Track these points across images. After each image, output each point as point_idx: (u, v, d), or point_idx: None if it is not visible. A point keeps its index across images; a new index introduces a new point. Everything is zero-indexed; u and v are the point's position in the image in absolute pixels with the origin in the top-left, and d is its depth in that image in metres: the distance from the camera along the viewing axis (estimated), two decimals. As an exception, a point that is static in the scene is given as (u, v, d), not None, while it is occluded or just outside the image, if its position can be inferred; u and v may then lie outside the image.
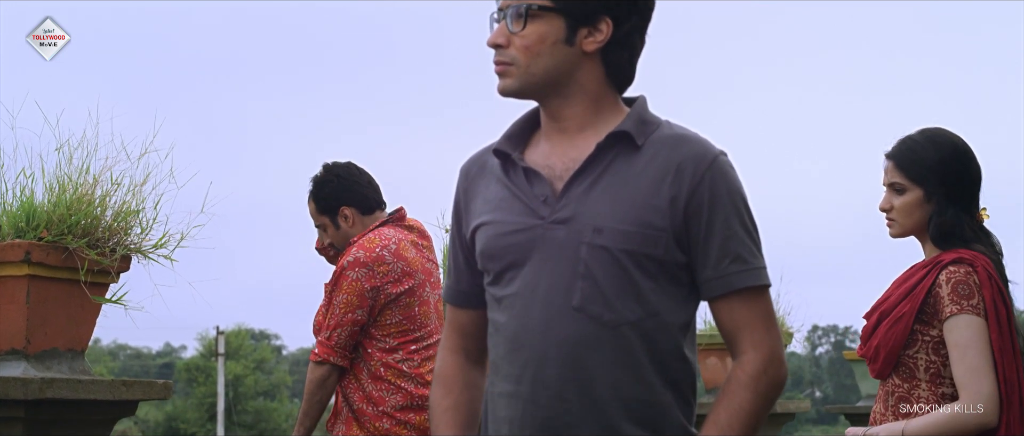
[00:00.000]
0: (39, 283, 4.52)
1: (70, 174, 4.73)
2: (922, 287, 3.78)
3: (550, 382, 2.57)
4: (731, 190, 2.60)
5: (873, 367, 3.88)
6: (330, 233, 5.28)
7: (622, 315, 2.56)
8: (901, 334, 3.79)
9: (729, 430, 2.55)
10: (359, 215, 5.23)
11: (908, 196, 3.86)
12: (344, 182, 5.22)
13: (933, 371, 3.77)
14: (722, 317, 2.62)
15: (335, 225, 5.25)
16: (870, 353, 3.87)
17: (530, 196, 2.63)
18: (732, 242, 2.58)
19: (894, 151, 3.90)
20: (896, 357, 3.81)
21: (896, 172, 3.87)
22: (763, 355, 2.58)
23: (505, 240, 2.64)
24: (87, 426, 4.60)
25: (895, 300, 3.84)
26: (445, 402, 2.81)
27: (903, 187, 3.86)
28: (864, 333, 3.93)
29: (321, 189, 5.24)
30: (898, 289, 3.87)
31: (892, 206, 3.88)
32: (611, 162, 2.60)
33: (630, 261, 2.56)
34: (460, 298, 2.85)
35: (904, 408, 3.81)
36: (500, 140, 2.72)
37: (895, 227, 3.90)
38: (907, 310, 3.78)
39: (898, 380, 3.83)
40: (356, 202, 5.24)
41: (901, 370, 3.82)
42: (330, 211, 5.24)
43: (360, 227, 5.23)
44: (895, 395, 3.83)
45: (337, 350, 5.00)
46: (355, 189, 5.24)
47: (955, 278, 3.73)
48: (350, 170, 5.28)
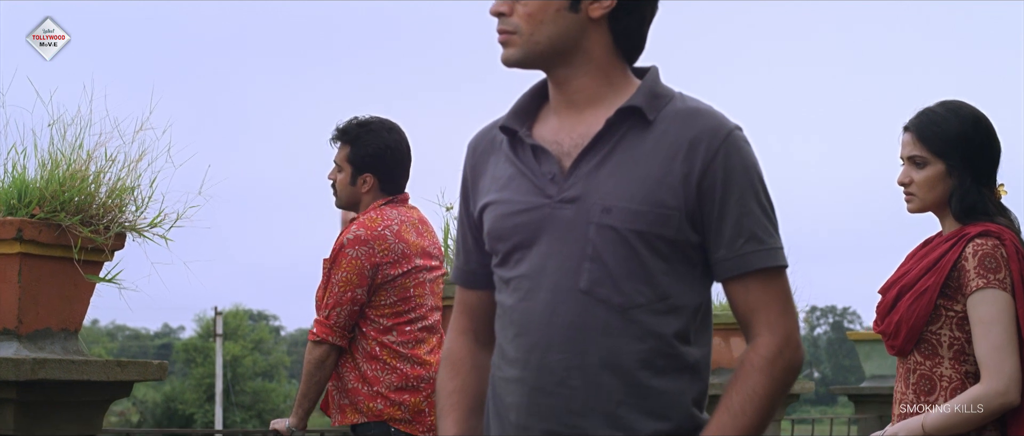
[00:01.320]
0: (31, 261, 4.43)
1: (63, 150, 4.62)
2: (947, 260, 3.67)
3: (555, 368, 2.49)
4: (747, 166, 2.50)
5: (893, 344, 3.77)
6: (341, 178, 5.18)
7: (631, 298, 2.48)
8: (925, 309, 3.68)
9: (742, 416, 2.46)
10: (378, 189, 5.15)
11: (929, 170, 3.75)
12: (388, 154, 5.13)
13: (957, 348, 3.67)
14: (736, 299, 2.52)
15: (351, 180, 5.15)
16: (890, 329, 3.76)
17: (538, 174, 2.55)
18: (747, 221, 2.49)
19: (914, 123, 3.78)
20: (919, 333, 3.70)
21: (916, 145, 3.75)
22: (779, 338, 2.49)
23: (512, 220, 2.56)
24: (81, 407, 4.52)
25: (917, 273, 3.73)
26: (451, 384, 2.74)
27: (924, 160, 3.75)
28: (882, 309, 3.81)
29: (364, 144, 5.13)
30: (919, 263, 3.76)
31: (912, 180, 3.77)
32: (621, 138, 2.51)
33: (640, 242, 2.47)
34: (469, 278, 2.77)
35: (926, 386, 3.71)
36: (507, 116, 2.63)
37: (914, 202, 3.79)
38: (931, 284, 3.67)
39: (920, 357, 3.72)
40: (383, 178, 5.14)
41: (923, 347, 3.71)
42: (356, 165, 5.13)
43: (370, 199, 5.14)
44: (917, 373, 3.72)
45: (336, 329, 4.93)
46: (392, 169, 5.15)
47: (982, 251, 3.62)
48: (399, 148, 5.17)
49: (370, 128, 5.15)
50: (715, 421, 2.47)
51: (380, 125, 5.17)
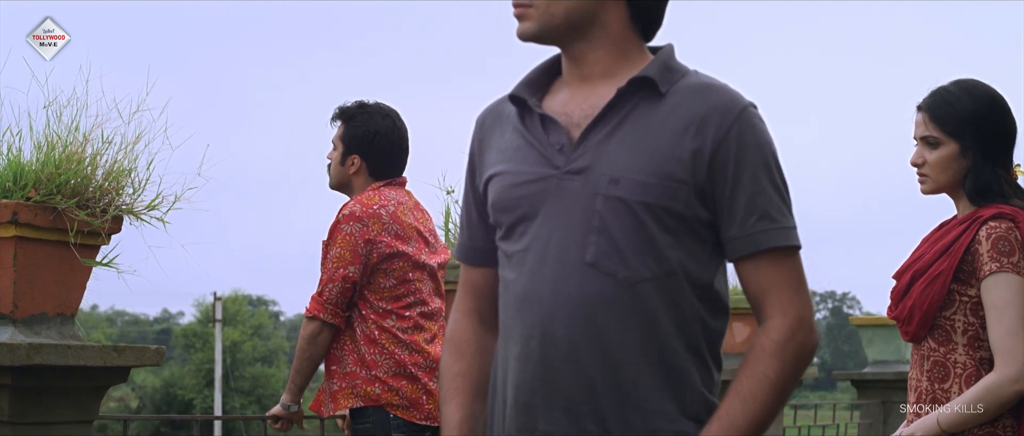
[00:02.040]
0: (27, 245, 4.36)
1: (59, 132, 4.56)
2: (961, 243, 3.59)
3: (561, 343, 2.42)
4: (760, 143, 2.43)
5: (906, 330, 3.70)
6: (335, 157, 5.19)
7: (638, 272, 2.40)
8: (938, 294, 3.60)
9: (752, 401, 2.39)
10: (366, 172, 5.14)
11: (942, 150, 3.67)
12: (377, 138, 5.12)
13: (971, 334, 3.59)
14: (747, 279, 2.45)
15: (341, 159, 5.15)
16: (903, 314, 3.69)
17: (545, 145, 2.48)
18: (760, 199, 2.42)
19: (927, 102, 3.70)
20: (932, 319, 3.63)
21: (930, 124, 3.68)
22: (791, 320, 2.42)
23: (518, 191, 2.49)
24: (78, 393, 4.46)
25: (930, 258, 3.65)
26: (455, 367, 2.66)
27: (937, 140, 3.67)
28: (895, 294, 3.74)
29: (356, 125, 5.14)
30: (933, 247, 3.68)
31: (924, 161, 3.69)
32: (632, 110, 2.45)
33: (648, 215, 2.40)
34: (474, 255, 2.70)
35: (940, 373, 3.64)
36: (517, 86, 2.57)
37: (927, 183, 3.71)
38: (944, 268, 3.60)
39: (934, 343, 3.65)
40: (370, 161, 5.13)
41: (937, 333, 3.64)
42: (347, 145, 5.14)
43: (360, 181, 5.13)
44: (931, 359, 3.65)
45: (328, 306, 4.90)
46: (380, 154, 5.14)
47: (996, 234, 3.55)
48: (390, 135, 5.16)
49: (366, 110, 5.15)
50: (725, 406, 2.41)
51: (377, 109, 5.16)
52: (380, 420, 4.92)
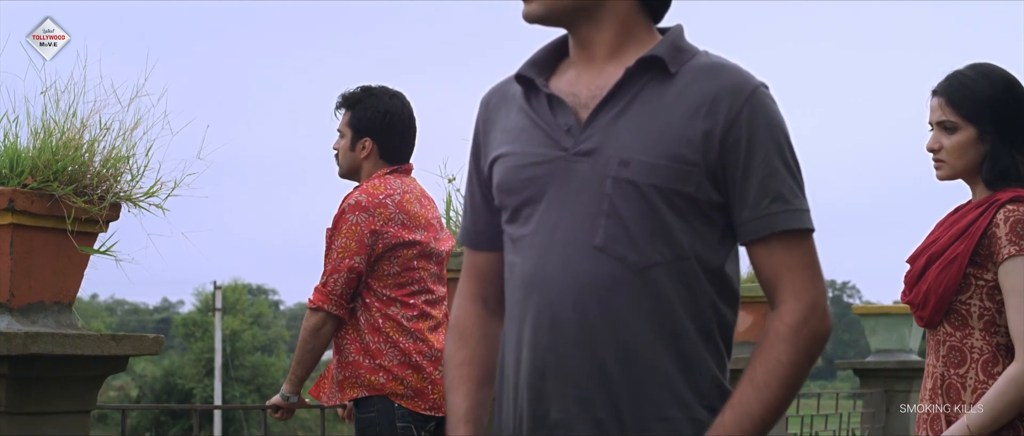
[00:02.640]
0: (23, 232, 4.29)
1: (57, 118, 4.49)
2: (978, 227, 3.53)
3: (570, 328, 2.37)
4: (772, 124, 2.38)
5: (921, 314, 3.64)
6: (342, 144, 5.14)
7: (649, 256, 2.35)
8: (954, 278, 3.54)
9: (766, 388, 2.34)
10: (377, 156, 5.08)
11: (959, 135, 3.61)
12: (388, 118, 5.08)
13: (987, 318, 3.53)
14: (760, 263, 2.40)
15: (351, 144, 5.10)
16: (918, 299, 3.63)
17: (552, 126, 2.43)
18: (773, 180, 2.37)
19: (943, 87, 3.64)
20: (948, 303, 3.57)
21: (946, 109, 3.61)
22: (804, 305, 2.36)
23: (524, 173, 2.44)
24: (75, 383, 4.40)
25: (946, 241, 3.59)
26: (460, 355, 2.61)
27: (954, 125, 3.61)
28: (909, 278, 3.69)
29: (365, 107, 5.09)
30: (949, 230, 3.62)
31: (941, 146, 3.63)
32: (641, 90, 2.40)
33: (659, 197, 2.35)
34: (477, 239, 2.64)
35: (956, 358, 3.58)
36: (524, 66, 2.52)
37: (944, 169, 3.65)
38: (960, 251, 3.54)
39: (949, 328, 3.59)
40: (382, 144, 5.08)
41: (953, 318, 3.58)
42: (356, 129, 5.09)
43: (371, 166, 5.07)
44: (947, 344, 3.59)
45: (332, 297, 4.85)
46: (392, 135, 5.09)
47: (1015, 217, 3.48)
48: (400, 114, 5.12)
49: (372, 93, 5.11)
50: (739, 394, 2.36)
51: (383, 91, 5.12)
52: (384, 409, 4.88)
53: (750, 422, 2.34)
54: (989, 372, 3.53)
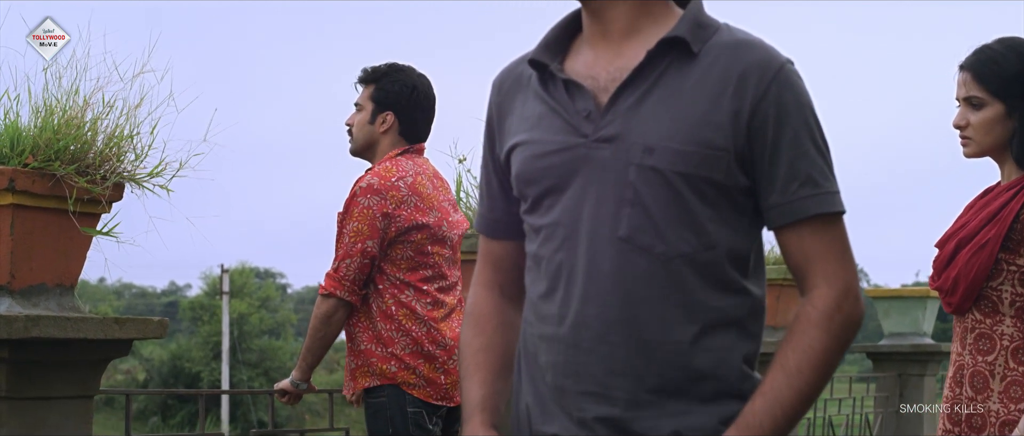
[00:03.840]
0: (24, 213, 4.20)
1: (58, 96, 4.40)
2: (1010, 210, 3.42)
3: (593, 323, 2.28)
4: (801, 103, 2.29)
5: (950, 301, 3.53)
6: (360, 118, 5.05)
7: (675, 247, 2.27)
8: (985, 263, 3.43)
9: (798, 375, 2.25)
10: (396, 132, 5.01)
11: (987, 111, 3.49)
12: (414, 94, 5.01)
13: (1019, 305, 3.42)
14: (790, 248, 2.31)
15: (371, 117, 5.01)
16: (947, 285, 3.52)
17: (571, 111, 2.33)
18: (802, 162, 2.27)
19: (970, 62, 3.53)
20: (978, 290, 3.46)
21: (973, 85, 3.50)
22: (837, 290, 2.28)
23: (543, 162, 2.34)
24: (77, 367, 4.31)
25: (976, 225, 3.48)
26: (476, 343, 2.53)
27: (981, 101, 3.50)
28: (938, 263, 3.58)
29: (391, 81, 5.02)
30: (979, 213, 3.51)
31: (968, 122, 3.52)
32: (663, 72, 2.29)
33: (686, 185, 2.26)
34: (494, 228, 2.56)
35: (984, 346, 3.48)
36: (536, 49, 2.41)
37: (971, 146, 3.54)
38: (992, 235, 3.43)
39: (979, 315, 3.48)
40: (404, 119, 5.01)
41: (982, 304, 3.47)
42: (379, 102, 5.01)
43: (388, 141, 5.00)
44: (975, 332, 3.49)
45: (345, 283, 4.75)
46: (415, 112, 5.03)
47: None
48: (426, 93, 5.06)
49: (399, 68, 5.05)
50: (769, 381, 2.27)
51: (410, 69, 5.08)
52: (395, 396, 4.80)
53: (781, 409, 2.26)
54: (1020, 360, 3.43)
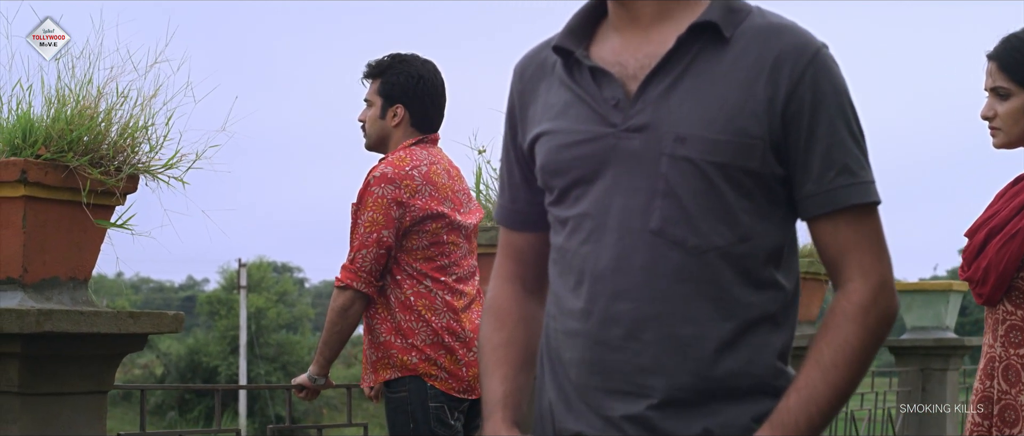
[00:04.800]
0: (37, 205, 4.13)
1: (71, 86, 4.32)
2: None
3: (623, 318, 2.21)
4: (837, 89, 2.21)
5: (980, 291, 3.45)
6: (371, 114, 4.97)
7: (709, 240, 2.19)
8: (1015, 254, 3.36)
9: (833, 370, 2.17)
10: (408, 124, 4.93)
11: (1013, 101, 3.42)
12: (421, 84, 4.92)
13: None
14: (824, 239, 2.23)
15: (381, 112, 4.93)
16: (977, 275, 3.44)
17: (599, 100, 2.25)
18: (838, 151, 2.20)
19: (997, 51, 3.45)
20: (1008, 280, 3.39)
21: (1000, 75, 3.43)
22: (872, 283, 2.20)
23: (570, 152, 2.26)
24: (91, 362, 4.24)
25: (1006, 215, 3.41)
26: (497, 337, 2.46)
27: (1008, 91, 3.42)
28: (968, 253, 3.50)
29: (396, 73, 4.93)
30: (1009, 203, 3.44)
31: (996, 113, 3.45)
32: (694, 58, 2.21)
33: (720, 176, 2.18)
34: (516, 219, 2.48)
35: (1016, 337, 3.39)
36: (560, 35, 2.33)
37: (999, 137, 3.46)
38: (1022, 226, 3.35)
39: (1010, 306, 3.40)
40: (414, 111, 4.92)
41: (1013, 295, 3.39)
42: (387, 96, 4.93)
43: (401, 135, 4.92)
44: (1006, 323, 3.40)
45: (361, 274, 4.68)
46: (424, 101, 4.94)
47: None
48: (433, 81, 4.96)
49: (403, 59, 4.95)
50: (804, 377, 2.20)
51: (414, 58, 4.98)
52: (416, 388, 4.73)
53: (816, 406, 2.19)
54: None
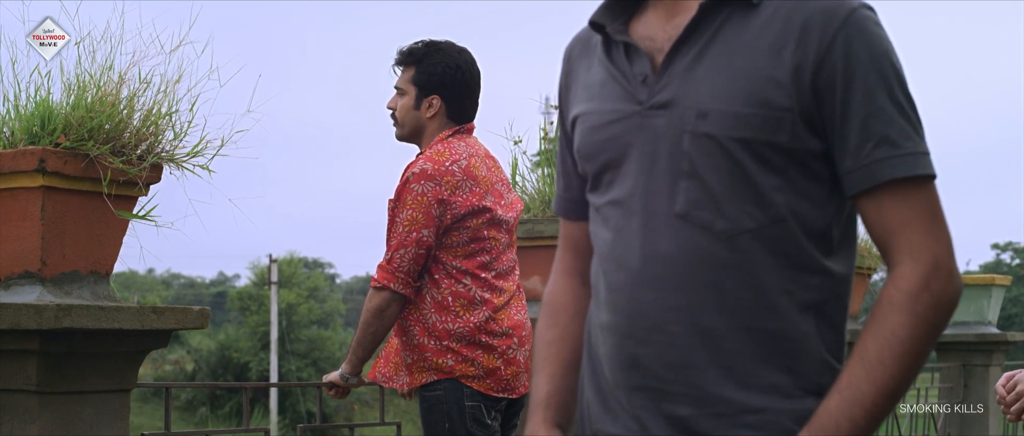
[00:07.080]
0: (55, 196, 4.01)
1: (92, 72, 4.21)
2: None
3: (649, 310, 2.07)
4: (874, 53, 2.03)
5: None
6: (404, 103, 4.78)
7: (738, 222, 2.04)
8: None
9: (879, 368, 1.99)
10: (444, 115, 4.74)
11: None
12: (458, 74, 4.73)
13: None
14: (870, 219, 2.06)
15: (416, 103, 4.75)
16: None
17: (630, 76, 2.13)
18: (875, 121, 2.02)
19: None
20: None
21: None
22: (924, 266, 2.01)
23: (600, 134, 2.15)
24: (112, 359, 4.10)
25: None
26: (549, 334, 2.34)
27: None
28: None
29: (432, 62, 4.74)
30: None
31: None
32: (720, 27, 2.08)
33: (745, 153, 2.03)
34: (571, 208, 2.37)
35: None
36: (597, 11, 2.20)
37: None
38: None
39: None
40: (450, 102, 4.74)
41: None
42: (422, 86, 4.74)
43: (436, 126, 4.74)
44: None
45: (399, 275, 4.50)
46: (461, 92, 4.75)
47: None
48: (470, 70, 4.78)
49: (438, 47, 4.75)
50: (847, 375, 2.02)
51: (449, 45, 4.79)
52: (452, 388, 4.56)
53: (860, 407, 1.99)
54: None
